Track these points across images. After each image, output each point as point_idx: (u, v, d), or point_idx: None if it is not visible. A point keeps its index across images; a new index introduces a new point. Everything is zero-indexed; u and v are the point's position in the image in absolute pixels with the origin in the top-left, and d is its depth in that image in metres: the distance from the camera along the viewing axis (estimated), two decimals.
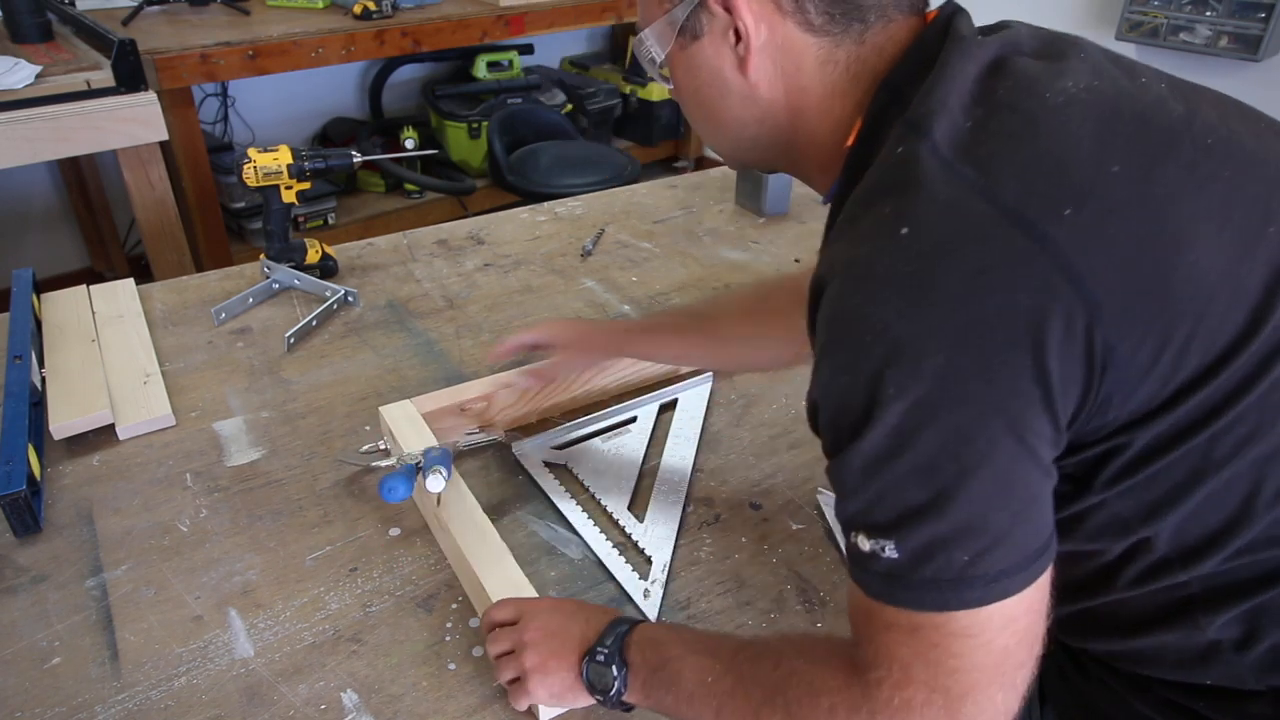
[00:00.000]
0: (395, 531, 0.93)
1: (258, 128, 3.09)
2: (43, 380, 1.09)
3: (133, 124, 1.92)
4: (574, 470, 1.01)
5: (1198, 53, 2.25)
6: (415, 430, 0.97)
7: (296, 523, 0.93)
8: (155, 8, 2.62)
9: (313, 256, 1.38)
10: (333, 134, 3.20)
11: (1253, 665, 0.59)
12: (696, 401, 1.12)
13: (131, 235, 2.88)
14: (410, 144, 2.97)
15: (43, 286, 1.30)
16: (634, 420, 1.09)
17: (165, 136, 1.97)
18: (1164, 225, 0.51)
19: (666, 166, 3.87)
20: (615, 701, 0.68)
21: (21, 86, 1.80)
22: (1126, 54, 0.62)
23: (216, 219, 2.55)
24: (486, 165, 2.86)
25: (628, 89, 3.61)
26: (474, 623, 0.83)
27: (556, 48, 3.76)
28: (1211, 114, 0.57)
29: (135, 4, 2.55)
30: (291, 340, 1.22)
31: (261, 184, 1.30)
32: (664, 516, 0.95)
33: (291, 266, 1.36)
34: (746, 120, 0.65)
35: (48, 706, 0.74)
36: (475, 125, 3.16)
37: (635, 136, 3.74)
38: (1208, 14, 2.20)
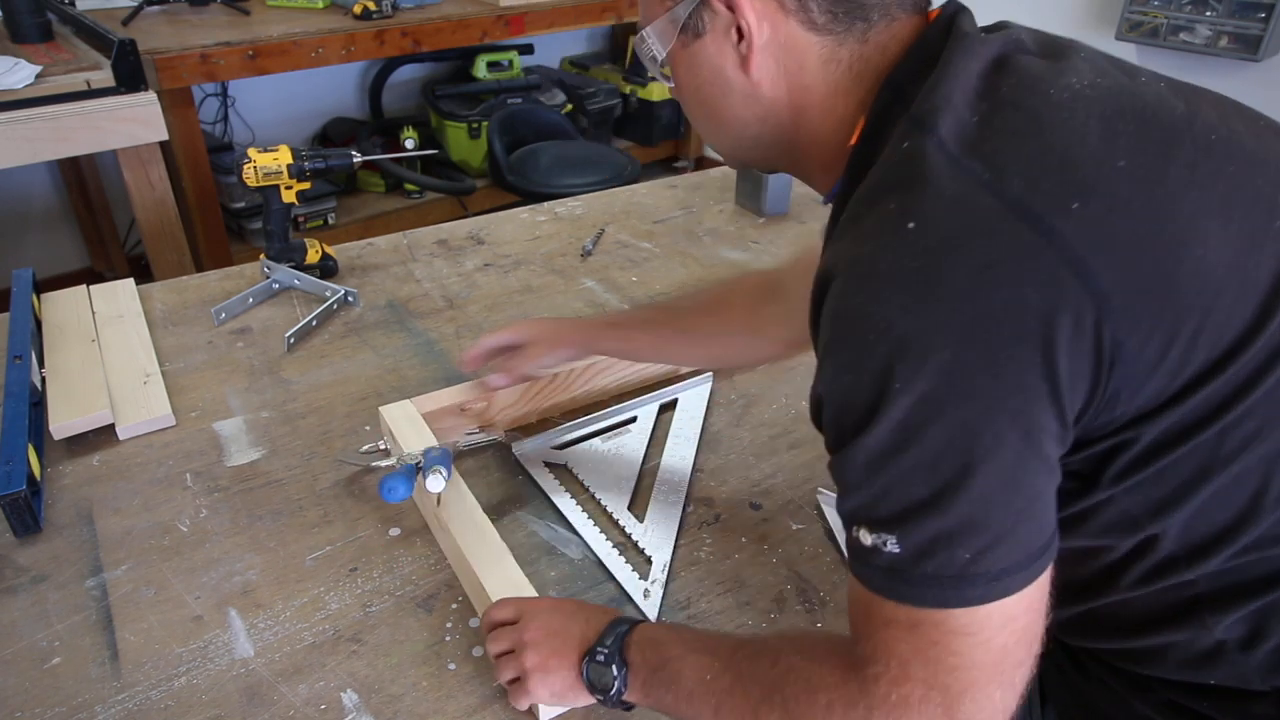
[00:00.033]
0: (395, 531, 0.93)
1: (258, 128, 3.09)
2: (43, 380, 1.09)
3: (133, 124, 1.92)
4: (574, 470, 1.01)
5: (1198, 53, 2.25)
6: (415, 430, 0.97)
7: (296, 523, 0.93)
8: (155, 8, 2.62)
9: (313, 256, 1.38)
10: (333, 134, 3.20)
11: (1258, 665, 0.58)
12: (696, 401, 1.12)
13: (131, 235, 2.88)
14: (410, 144, 2.97)
15: (43, 286, 1.30)
16: (634, 420, 1.09)
17: (165, 136, 1.97)
18: (1170, 220, 0.51)
19: (666, 166, 3.87)
20: (615, 701, 0.68)
21: (21, 86, 1.80)
22: (1127, 54, 0.62)
23: (216, 219, 2.56)
24: (486, 165, 2.86)
25: (628, 89, 3.61)
26: (474, 623, 0.82)
27: (556, 48, 3.76)
28: (1211, 113, 0.57)
29: (135, 4, 2.55)
30: (291, 340, 1.22)
31: (261, 184, 1.30)
32: (664, 516, 0.95)
33: (291, 266, 1.36)
34: (748, 119, 0.65)
35: (48, 706, 0.74)
36: (475, 125, 3.16)
37: (635, 136, 3.74)
38: (1208, 14, 2.20)
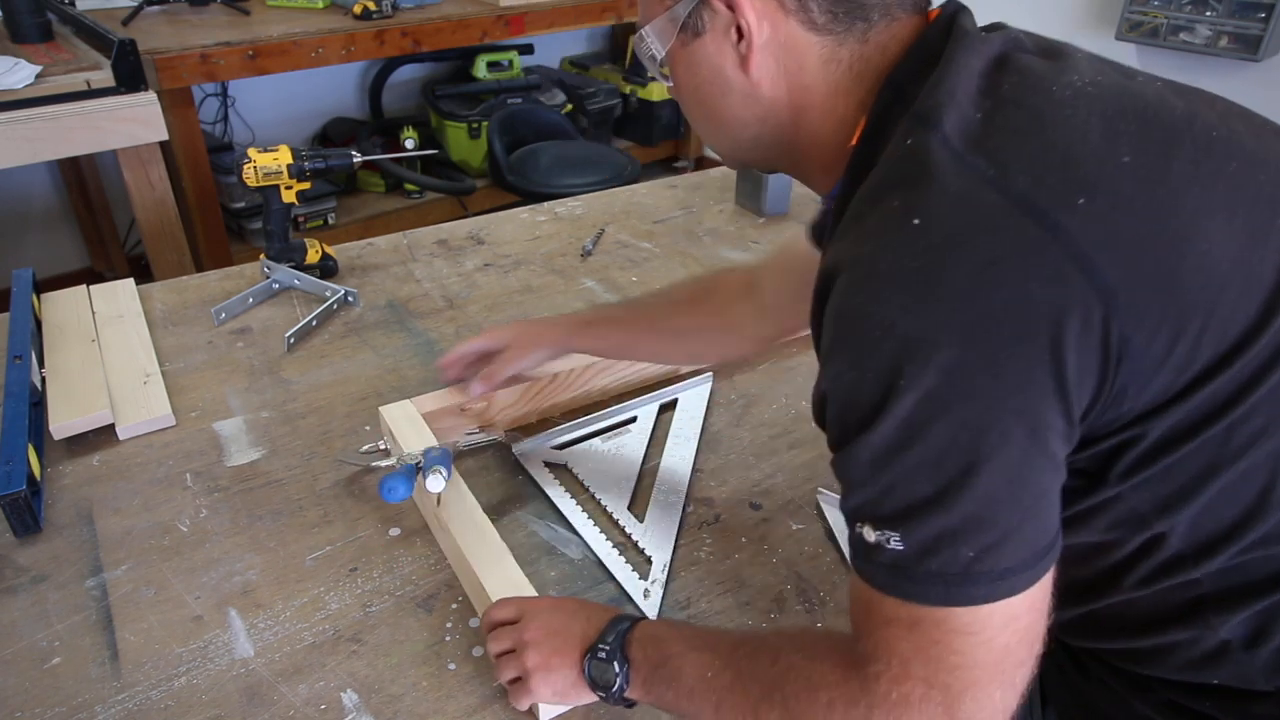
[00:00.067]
0: (395, 531, 0.93)
1: (258, 128, 3.09)
2: (43, 380, 1.09)
3: (133, 124, 1.92)
4: (574, 470, 1.01)
5: (1198, 53, 2.25)
6: (415, 430, 0.97)
7: (296, 523, 0.93)
8: (155, 8, 2.62)
9: (313, 256, 1.38)
10: (333, 134, 3.20)
11: (1262, 665, 0.58)
12: (696, 401, 1.12)
13: (131, 235, 2.88)
14: (410, 144, 2.97)
15: (43, 286, 1.30)
16: (634, 420, 1.09)
17: (165, 136, 1.97)
18: (1173, 216, 0.51)
19: (666, 166, 3.87)
20: (617, 698, 0.68)
21: (21, 86, 1.80)
22: (1127, 54, 0.62)
23: (216, 219, 2.56)
24: (486, 165, 2.86)
25: (628, 89, 3.61)
26: (474, 623, 0.82)
27: (556, 48, 3.76)
28: (1210, 114, 0.57)
29: (135, 4, 2.55)
30: (291, 340, 1.22)
31: (261, 184, 1.30)
32: (664, 516, 0.95)
33: (291, 266, 1.36)
34: (748, 119, 0.65)
35: (48, 706, 0.74)
36: (475, 125, 3.16)
37: (635, 136, 3.74)
38: (1208, 14, 2.20)
